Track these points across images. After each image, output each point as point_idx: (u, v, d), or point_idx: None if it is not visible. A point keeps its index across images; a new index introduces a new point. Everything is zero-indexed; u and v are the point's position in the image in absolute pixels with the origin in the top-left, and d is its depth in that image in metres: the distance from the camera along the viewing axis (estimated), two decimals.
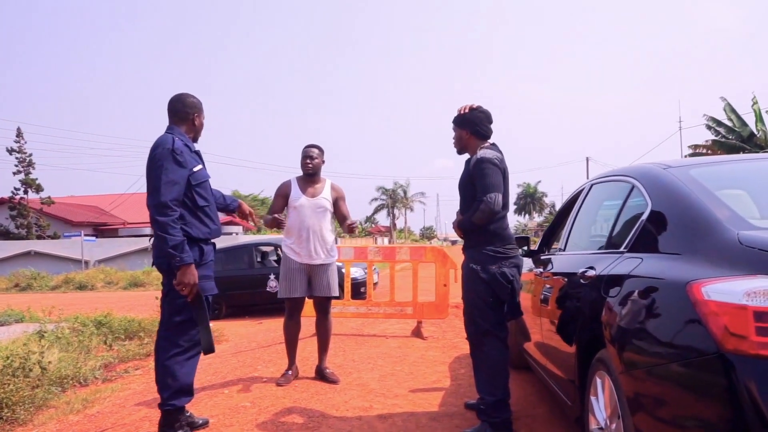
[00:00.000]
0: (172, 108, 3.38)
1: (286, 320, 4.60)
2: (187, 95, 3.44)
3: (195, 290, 3.10)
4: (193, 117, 3.40)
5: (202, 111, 3.48)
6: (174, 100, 3.40)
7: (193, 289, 3.08)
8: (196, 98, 3.47)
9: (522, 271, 3.54)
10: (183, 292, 3.07)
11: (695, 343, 1.73)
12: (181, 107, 3.38)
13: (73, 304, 13.16)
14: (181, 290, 3.07)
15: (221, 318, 10.54)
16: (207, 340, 3.17)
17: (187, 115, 3.38)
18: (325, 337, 4.69)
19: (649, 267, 2.14)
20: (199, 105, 3.45)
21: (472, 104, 3.48)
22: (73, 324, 7.55)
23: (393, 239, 61.70)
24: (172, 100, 3.40)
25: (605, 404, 2.34)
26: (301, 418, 3.66)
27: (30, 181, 32.35)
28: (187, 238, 3.14)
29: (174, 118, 3.37)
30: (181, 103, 3.39)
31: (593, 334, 2.46)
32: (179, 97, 3.41)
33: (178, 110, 3.37)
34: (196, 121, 3.43)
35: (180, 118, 3.37)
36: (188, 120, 3.39)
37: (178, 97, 3.41)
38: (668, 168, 2.51)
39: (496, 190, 3.21)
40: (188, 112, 3.39)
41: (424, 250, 6.94)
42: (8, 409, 4.07)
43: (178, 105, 3.38)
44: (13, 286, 22.24)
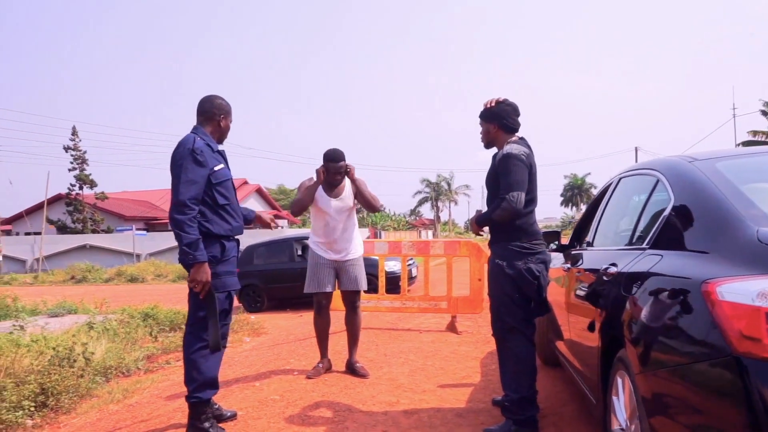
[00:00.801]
0: (200, 108, 3.47)
1: (315, 315, 4.66)
2: (217, 97, 3.52)
3: (207, 288, 3.17)
4: (219, 118, 3.47)
5: (229, 114, 3.54)
6: (203, 101, 3.49)
7: (205, 287, 3.15)
8: (225, 101, 3.54)
9: (550, 267, 3.49)
10: (196, 289, 3.15)
11: (710, 345, 1.67)
12: (209, 107, 3.46)
13: (124, 296, 13.64)
14: (194, 287, 3.14)
15: (263, 310, 10.76)
16: (214, 338, 3.23)
17: (213, 115, 3.45)
18: (354, 331, 4.73)
19: (668, 264, 2.08)
20: (226, 108, 3.52)
21: (499, 98, 3.43)
22: (120, 316, 7.83)
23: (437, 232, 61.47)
24: (202, 100, 3.49)
25: (625, 405, 2.29)
26: (327, 412, 3.71)
27: (84, 177, 33.56)
28: (208, 234, 3.21)
29: (200, 118, 3.46)
30: (210, 103, 3.47)
31: (614, 333, 2.41)
32: (208, 98, 3.50)
33: (206, 110, 3.46)
34: (222, 123, 3.49)
35: (206, 119, 3.45)
36: (214, 121, 3.46)
37: (207, 98, 3.50)
38: (694, 161, 2.42)
39: (519, 188, 3.16)
40: (215, 113, 3.46)
41: (459, 245, 6.89)
42: (53, 397, 4.25)
43: (206, 105, 3.47)
44: (70, 279, 23.17)
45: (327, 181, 4.52)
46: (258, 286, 11.13)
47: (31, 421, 3.94)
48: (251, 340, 7.05)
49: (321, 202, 4.53)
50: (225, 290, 3.31)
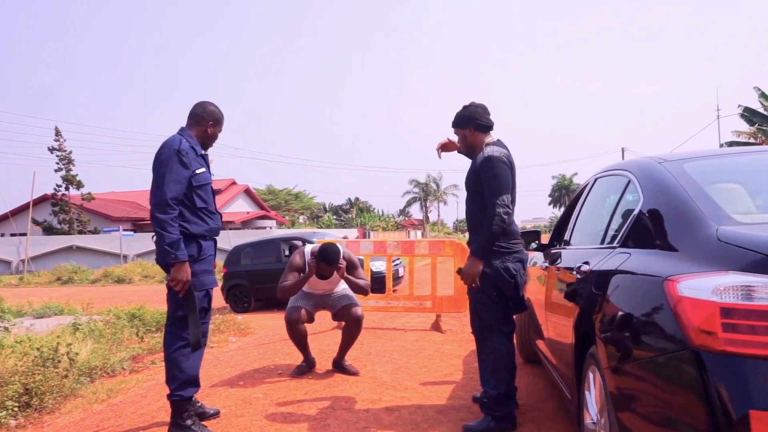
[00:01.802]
0: (192, 111, 3.52)
1: (288, 330, 4.67)
2: (210, 104, 3.56)
3: (187, 287, 3.21)
4: (207, 125, 3.50)
5: (219, 123, 3.57)
6: (196, 105, 3.54)
7: (185, 286, 3.19)
8: (219, 110, 3.58)
9: (530, 266, 3.55)
10: (176, 288, 3.19)
11: (670, 340, 1.73)
12: (200, 112, 3.50)
13: (111, 297, 13.60)
14: (175, 286, 3.18)
15: (250, 311, 10.77)
16: (195, 336, 3.27)
17: (202, 120, 3.49)
18: (351, 339, 4.77)
19: (635, 262, 2.15)
20: (217, 116, 3.55)
21: (465, 104, 3.51)
22: (106, 317, 7.82)
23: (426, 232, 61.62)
24: (196, 104, 3.55)
25: (596, 399, 2.35)
26: (310, 410, 3.75)
27: (71, 178, 33.31)
28: (186, 234, 3.24)
29: (190, 121, 3.50)
30: (202, 108, 3.51)
31: (586, 329, 2.48)
32: (202, 103, 3.55)
33: (197, 114, 3.50)
34: (209, 130, 3.52)
35: (195, 122, 3.49)
36: (202, 126, 3.49)
37: (201, 103, 3.55)
38: (663, 162, 2.50)
39: (505, 191, 3.22)
40: (205, 118, 3.49)
41: (443, 244, 6.96)
42: (37, 397, 4.26)
43: (198, 109, 3.51)
44: (56, 280, 23.02)
45: (317, 273, 4.61)
46: (245, 286, 11.15)
47: (14, 421, 3.96)
48: (237, 340, 7.08)
49: (309, 282, 4.67)
50: (203, 288, 3.34)
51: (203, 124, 3.49)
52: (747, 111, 20.45)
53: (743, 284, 1.59)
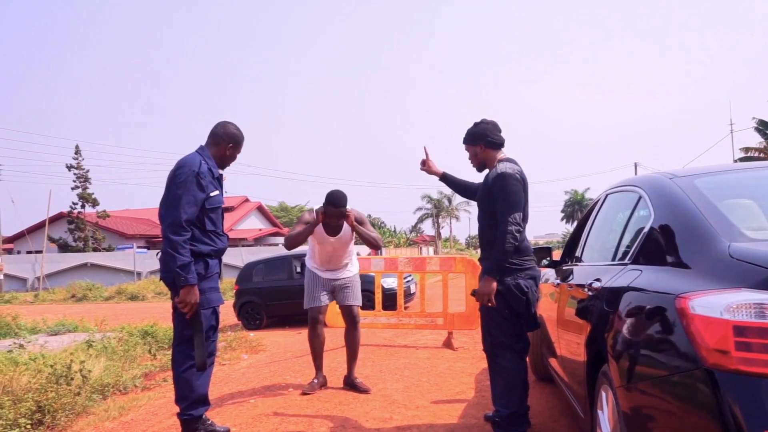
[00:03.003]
0: (213, 131, 3.53)
1: (309, 331, 4.71)
2: (232, 125, 3.57)
3: (195, 309, 3.21)
4: (227, 146, 3.52)
5: (238, 145, 3.58)
6: (217, 125, 3.55)
7: (193, 308, 3.20)
8: (240, 132, 3.59)
9: (539, 282, 3.53)
10: (184, 310, 3.19)
11: (683, 358, 1.71)
12: (221, 133, 3.51)
13: (124, 315, 13.67)
14: (182, 308, 3.19)
15: (262, 328, 10.77)
16: (200, 357, 3.27)
17: (222, 141, 3.50)
18: (354, 347, 4.77)
19: (646, 279, 2.13)
20: (237, 138, 3.56)
21: (476, 121, 3.52)
22: (119, 334, 7.86)
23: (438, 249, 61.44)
24: (217, 124, 3.56)
25: (609, 418, 2.32)
26: (320, 429, 3.73)
27: (87, 196, 33.74)
28: (194, 252, 3.25)
29: (210, 140, 3.52)
30: (223, 129, 3.53)
31: (598, 347, 2.45)
32: (223, 124, 3.56)
33: (217, 134, 3.51)
34: (228, 152, 3.53)
35: (215, 143, 3.51)
36: (221, 147, 3.51)
37: (223, 123, 3.56)
38: (674, 178, 2.48)
39: (516, 209, 3.21)
40: (225, 140, 3.51)
41: (454, 261, 6.94)
42: (50, 415, 4.28)
43: (218, 129, 3.52)
44: (70, 297, 23.19)
45: (325, 223, 4.54)
46: (257, 303, 11.16)
47: None
48: (249, 357, 7.07)
49: (319, 237, 4.59)
50: (210, 306, 3.35)
51: (222, 145, 3.50)
52: (761, 124, 20.32)
53: (756, 302, 1.56)
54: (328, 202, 4.43)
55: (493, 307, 3.26)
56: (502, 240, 3.16)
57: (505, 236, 3.15)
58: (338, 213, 4.44)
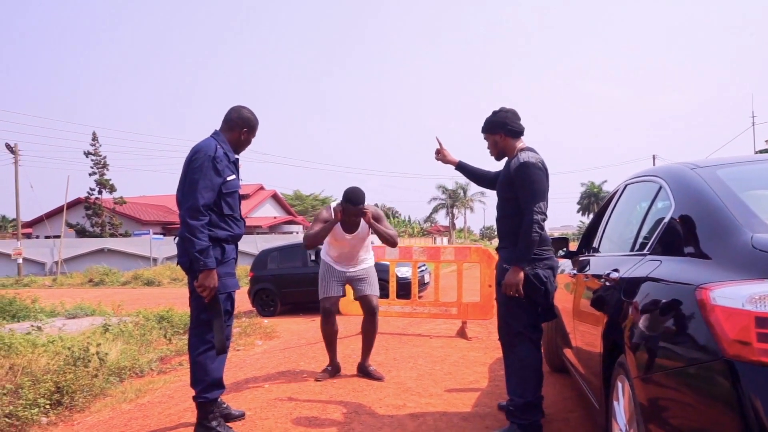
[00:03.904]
0: (227, 116, 3.52)
1: (322, 321, 4.72)
2: (246, 109, 3.55)
3: (214, 293, 3.22)
4: (241, 131, 3.50)
5: (253, 130, 3.57)
6: (232, 109, 3.53)
7: (211, 292, 3.21)
8: (254, 116, 3.57)
9: (557, 273, 3.51)
10: (203, 294, 3.20)
11: (702, 349, 1.69)
12: (236, 117, 3.50)
13: (140, 299, 13.82)
14: (201, 292, 3.20)
15: (276, 315, 10.84)
16: (220, 341, 3.28)
17: (236, 126, 3.49)
18: (370, 337, 4.77)
19: (665, 270, 2.10)
20: (252, 122, 3.55)
21: (494, 110, 3.48)
22: (136, 318, 7.95)
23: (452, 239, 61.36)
24: (231, 108, 3.54)
25: (625, 409, 2.31)
26: (334, 414, 3.75)
27: (104, 182, 34.11)
28: (211, 237, 3.25)
29: (224, 125, 3.51)
30: (237, 113, 3.51)
31: (615, 338, 2.43)
32: (238, 108, 3.54)
33: (232, 119, 3.50)
34: (243, 136, 3.52)
35: (229, 127, 3.50)
36: (236, 132, 3.50)
37: (237, 108, 3.54)
38: (696, 168, 2.45)
39: (541, 198, 3.18)
40: (239, 124, 3.49)
41: (469, 251, 6.92)
42: (68, 396, 4.35)
43: (233, 114, 3.51)
44: (87, 282, 23.51)
45: (344, 221, 4.56)
46: (271, 290, 11.23)
47: (45, 419, 4.04)
48: (263, 344, 7.13)
49: (336, 234, 4.62)
50: (225, 291, 3.36)
51: (237, 130, 3.49)
52: None
53: None
54: (347, 199, 4.45)
55: (518, 297, 3.23)
56: (528, 230, 3.14)
57: (531, 226, 3.13)
58: (356, 211, 4.46)
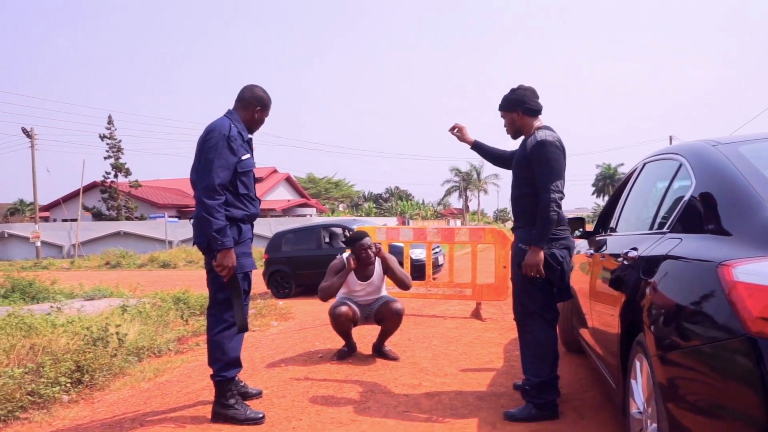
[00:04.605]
0: (240, 95, 3.51)
1: (332, 321, 4.68)
2: (259, 88, 3.54)
3: (232, 272, 3.23)
4: (255, 109, 3.49)
5: (266, 107, 3.56)
6: (245, 88, 3.52)
7: (230, 272, 3.22)
8: (266, 94, 3.56)
9: (573, 253, 3.48)
10: (221, 274, 3.21)
11: (724, 327, 1.67)
12: (249, 96, 3.48)
13: (156, 281, 13.96)
14: (220, 271, 3.21)
15: (291, 296, 10.91)
16: (241, 319, 3.30)
17: (250, 105, 3.48)
18: (390, 330, 4.77)
19: (686, 248, 2.08)
20: (265, 101, 3.54)
21: (512, 87, 3.44)
22: (153, 300, 8.04)
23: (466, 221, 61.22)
24: (244, 88, 3.53)
25: (643, 388, 2.30)
26: (350, 393, 3.78)
27: (119, 166, 34.34)
28: (227, 217, 3.25)
29: (238, 104, 3.50)
30: (250, 93, 3.50)
31: (633, 316, 2.42)
32: (250, 87, 3.53)
33: (245, 98, 3.48)
34: (257, 115, 3.51)
35: (243, 106, 3.49)
36: (249, 110, 3.48)
37: (249, 87, 3.53)
38: (717, 145, 2.41)
39: (559, 176, 3.16)
40: (252, 103, 3.48)
41: (484, 232, 6.89)
42: (88, 374, 4.42)
43: (246, 93, 3.50)
44: (104, 264, 23.78)
45: (359, 263, 4.65)
46: (286, 272, 11.29)
47: (67, 397, 4.11)
48: (278, 324, 7.19)
49: (350, 284, 4.71)
50: (242, 271, 3.36)
51: (250, 109, 3.48)
52: None
53: None
54: (354, 239, 4.67)
55: (537, 276, 3.21)
56: (546, 208, 3.11)
57: (548, 205, 3.10)
58: (365, 245, 4.61)
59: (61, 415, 3.79)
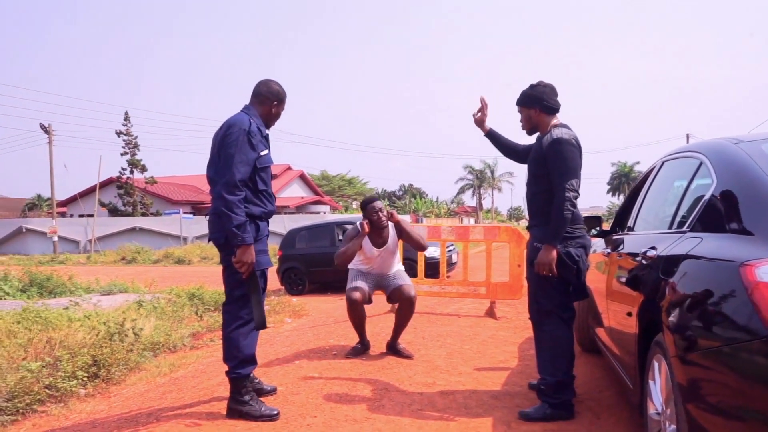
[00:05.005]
0: (256, 90, 3.51)
1: (348, 310, 4.72)
2: (274, 83, 3.55)
3: (251, 268, 3.24)
4: (272, 104, 3.49)
5: (282, 102, 3.56)
6: (260, 83, 3.52)
7: (250, 268, 3.22)
8: (282, 88, 3.56)
9: (590, 252, 3.45)
10: (241, 270, 3.21)
11: (745, 327, 1.65)
12: (265, 91, 3.48)
13: (171, 277, 14.07)
14: (239, 268, 3.21)
15: (305, 293, 10.94)
16: (260, 316, 3.31)
17: (267, 100, 3.48)
18: (404, 322, 4.76)
19: (707, 247, 2.05)
20: (281, 95, 3.54)
21: (532, 83, 3.40)
22: (168, 295, 8.10)
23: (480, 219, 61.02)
24: (259, 82, 3.53)
25: (662, 389, 2.27)
26: (364, 390, 3.78)
27: (135, 162, 34.63)
28: (246, 215, 3.26)
29: (254, 99, 3.50)
30: (266, 87, 3.50)
31: (652, 316, 2.39)
32: (266, 82, 3.53)
33: (261, 93, 3.48)
34: (273, 110, 3.52)
35: (260, 102, 3.49)
36: (266, 105, 3.49)
37: (264, 82, 3.53)
38: (739, 143, 2.37)
39: (574, 175, 3.13)
40: (269, 98, 3.48)
41: (498, 230, 6.87)
42: (104, 369, 4.46)
43: (262, 88, 3.50)
44: (120, 259, 24.01)
45: (373, 227, 4.68)
46: (300, 269, 11.32)
47: (83, 391, 4.15)
48: (292, 321, 7.21)
49: (368, 252, 4.73)
50: (259, 269, 3.36)
51: (267, 104, 3.48)
52: None
53: None
54: (366, 202, 4.75)
55: (552, 276, 3.19)
56: (560, 207, 3.09)
57: (563, 203, 3.08)
58: (377, 207, 4.65)
59: (78, 409, 3.83)
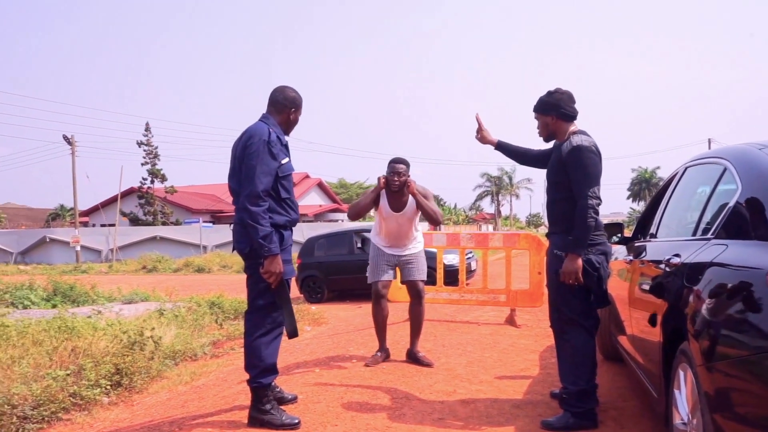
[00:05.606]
0: (272, 98, 3.52)
1: (373, 305, 4.74)
2: (290, 89, 3.56)
3: (279, 278, 3.25)
4: (289, 111, 3.51)
5: (299, 108, 3.57)
6: (276, 91, 3.53)
7: (278, 278, 3.23)
8: (298, 94, 3.58)
9: (611, 259, 3.42)
10: (269, 280, 3.22)
11: None
12: (281, 99, 3.49)
13: (192, 286, 14.19)
14: (268, 278, 3.22)
15: (323, 301, 10.96)
16: (291, 324, 3.32)
17: (284, 108, 3.49)
18: (418, 321, 4.78)
19: (732, 254, 2.02)
20: (298, 101, 3.55)
21: (549, 90, 3.39)
22: (188, 304, 8.18)
23: (498, 226, 60.72)
24: (275, 90, 3.54)
25: (687, 398, 2.24)
26: (385, 399, 3.77)
27: (156, 172, 35.05)
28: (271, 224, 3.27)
29: (271, 108, 3.51)
30: (282, 95, 3.51)
31: (677, 325, 2.35)
32: (282, 89, 3.54)
33: (278, 101, 3.49)
34: (291, 116, 3.53)
35: (277, 110, 3.50)
36: (284, 113, 3.50)
37: (280, 89, 3.54)
38: (764, 148, 2.34)
39: (595, 182, 3.12)
40: (286, 105, 3.49)
41: (518, 237, 6.83)
42: (127, 377, 4.51)
43: (278, 96, 3.51)
44: (141, 268, 24.27)
45: (388, 186, 4.64)
46: (318, 277, 11.35)
47: (107, 399, 4.20)
48: (312, 329, 7.23)
49: (384, 213, 4.69)
50: (285, 278, 3.38)
51: (285, 111, 3.49)
52: None
53: None
54: (392, 160, 4.67)
55: (577, 284, 3.16)
56: (584, 215, 3.07)
57: (586, 211, 3.06)
58: (397, 169, 4.59)
59: (102, 417, 3.87)
